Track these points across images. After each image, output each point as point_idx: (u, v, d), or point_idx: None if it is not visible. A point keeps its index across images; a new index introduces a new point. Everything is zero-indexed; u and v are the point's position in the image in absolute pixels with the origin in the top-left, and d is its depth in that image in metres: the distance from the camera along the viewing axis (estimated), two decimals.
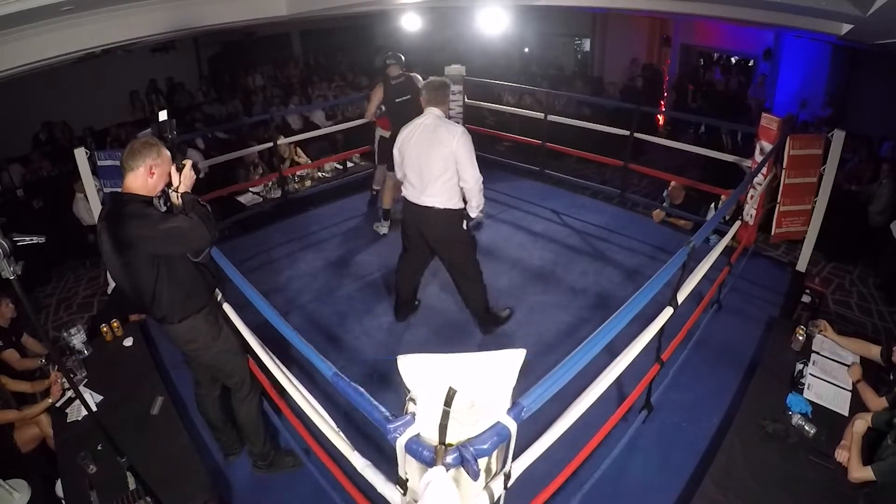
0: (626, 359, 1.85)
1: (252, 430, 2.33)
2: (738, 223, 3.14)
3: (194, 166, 2.00)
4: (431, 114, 2.83)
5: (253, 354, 2.19)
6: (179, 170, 1.93)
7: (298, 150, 6.13)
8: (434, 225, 2.89)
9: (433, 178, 2.77)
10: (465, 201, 2.91)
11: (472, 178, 2.79)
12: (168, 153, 1.91)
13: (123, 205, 1.83)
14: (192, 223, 1.85)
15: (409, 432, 1.18)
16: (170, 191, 1.94)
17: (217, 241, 2.20)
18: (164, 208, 2.00)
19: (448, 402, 1.10)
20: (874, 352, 2.56)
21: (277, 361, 2.01)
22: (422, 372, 1.12)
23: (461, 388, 1.09)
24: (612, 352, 1.96)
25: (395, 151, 2.93)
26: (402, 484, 1.30)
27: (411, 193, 2.89)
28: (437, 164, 2.74)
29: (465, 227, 2.97)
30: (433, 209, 2.83)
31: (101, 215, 1.93)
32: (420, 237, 2.98)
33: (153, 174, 1.88)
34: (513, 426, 1.19)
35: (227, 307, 2.29)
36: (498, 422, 1.17)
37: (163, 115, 1.98)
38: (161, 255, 1.87)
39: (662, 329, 2.17)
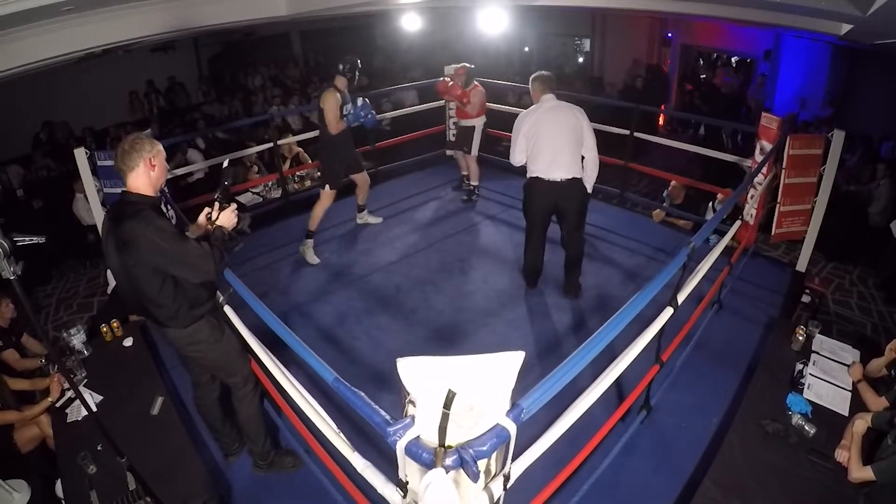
0: (626, 360, 1.85)
1: (253, 430, 2.33)
2: (738, 223, 3.14)
3: (241, 219, 2.11)
4: (552, 98, 3.15)
5: (253, 355, 2.19)
6: (222, 208, 2.03)
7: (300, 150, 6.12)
8: (571, 195, 3.18)
9: (570, 153, 3.08)
10: None
11: (594, 148, 3.15)
12: (159, 144, 1.91)
13: (134, 208, 1.79)
14: (204, 254, 1.83)
15: (409, 435, 1.18)
16: (207, 220, 2.03)
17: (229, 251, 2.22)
18: (169, 212, 2.00)
19: (447, 404, 1.10)
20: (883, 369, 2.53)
21: (278, 362, 2.01)
22: (421, 374, 1.12)
23: (460, 390, 1.09)
24: (611, 352, 1.96)
25: (521, 136, 3.15)
26: (402, 486, 1.30)
27: (545, 170, 3.12)
28: (571, 139, 3.07)
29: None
30: (570, 180, 3.12)
31: (108, 215, 1.91)
32: (551, 210, 3.28)
33: (154, 166, 1.85)
34: (512, 428, 1.19)
35: (227, 309, 2.30)
36: (497, 424, 1.17)
37: (226, 164, 2.20)
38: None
39: (662, 329, 2.17)
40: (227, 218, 2.02)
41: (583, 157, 3.15)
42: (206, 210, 2.06)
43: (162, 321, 1.98)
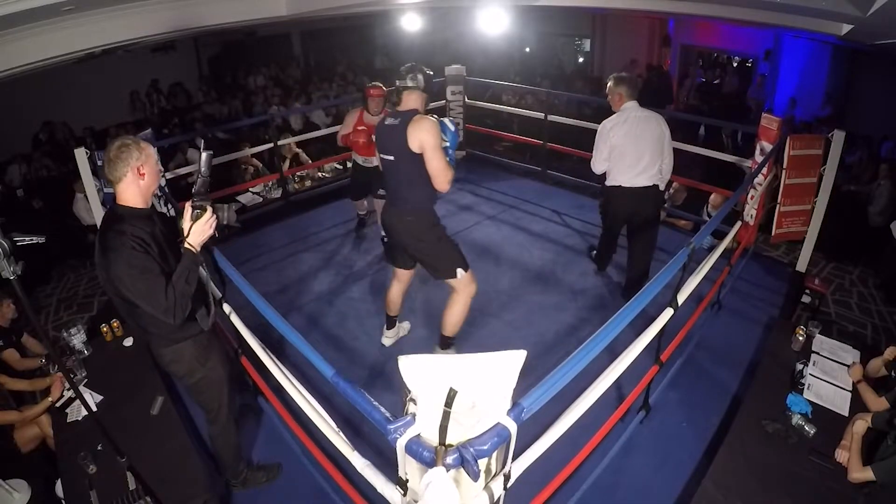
0: (626, 360, 1.85)
1: (227, 458, 2.27)
2: (738, 224, 3.14)
3: (220, 214, 1.79)
4: (636, 106, 3.12)
5: (252, 355, 2.19)
6: (193, 218, 1.72)
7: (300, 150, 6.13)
8: (649, 202, 3.23)
9: (655, 162, 3.11)
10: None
11: (672, 154, 3.17)
12: (151, 148, 1.79)
13: (118, 229, 1.66)
14: (167, 309, 1.64)
15: (410, 433, 1.18)
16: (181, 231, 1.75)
17: (216, 242, 2.19)
18: (170, 211, 1.88)
19: (448, 402, 1.10)
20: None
21: (277, 361, 2.01)
22: (422, 372, 1.13)
23: (462, 388, 1.09)
24: (612, 352, 1.96)
25: (607, 145, 3.14)
26: (402, 484, 1.30)
27: (630, 179, 3.14)
28: (657, 149, 3.09)
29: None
30: (650, 188, 3.16)
31: (100, 227, 1.79)
32: (631, 217, 3.31)
33: (143, 175, 1.72)
34: (513, 427, 1.19)
35: (226, 307, 2.30)
36: (498, 423, 1.17)
37: (203, 154, 1.80)
38: None
39: (662, 330, 2.17)
40: (197, 234, 1.72)
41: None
42: (188, 209, 1.75)
43: (145, 337, 1.90)
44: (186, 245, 1.72)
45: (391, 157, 2.54)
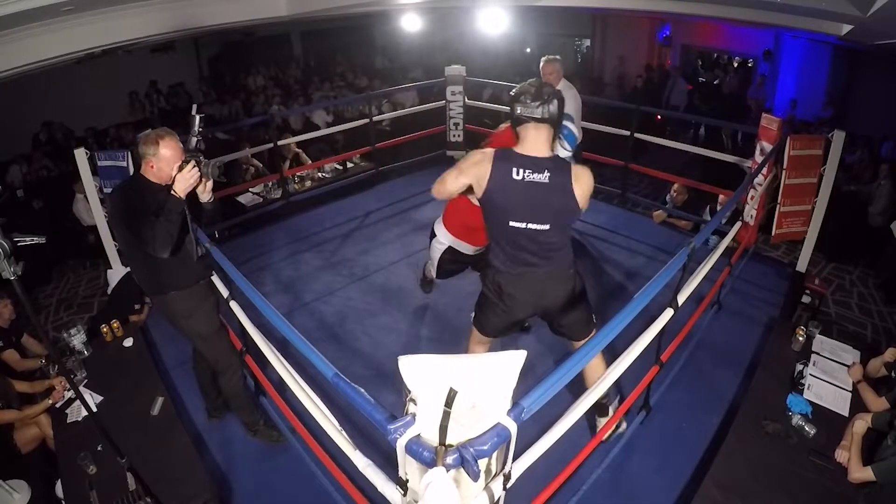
0: (627, 360, 1.84)
1: (237, 405, 2.51)
2: (738, 224, 3.14)
3: (203, 168, 1.98)
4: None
5: (256, 353, 2.19)
6: (178, 169, 1.93)
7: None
8: None
9: None
10: None
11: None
12: (163, 148, 1.95)
13: (128, 184, 2.10)
14: (147, 235, 1.89)
15: (410, 433, 1.18)
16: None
17: (217, 242, 2.22)
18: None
19: (449, 402, 1.10)
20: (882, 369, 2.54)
21: (283, 360, 2.01)
22: (422, 373, 1.13)
23: (462, 389, 1.09)
24: (612, 353, 1.96)
25: None
26: (402, 484, 1.30)
27: None
28: None
29: None
30: None
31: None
32: None
33: (152, 167, 1.98)
34: (513, 427, 1.19)
35: (234, 306, 2.31)
36: (498, 423, 1.17)
37: (194, 111, 2.04)
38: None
39: (662, 330, 2.17)
40: (180, 181, 1.91)
41: None
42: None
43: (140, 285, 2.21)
44: (172, 191, 1.93)
45: (544, 227, 1.87)
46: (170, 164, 1.95)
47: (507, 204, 1.84)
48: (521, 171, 1.80)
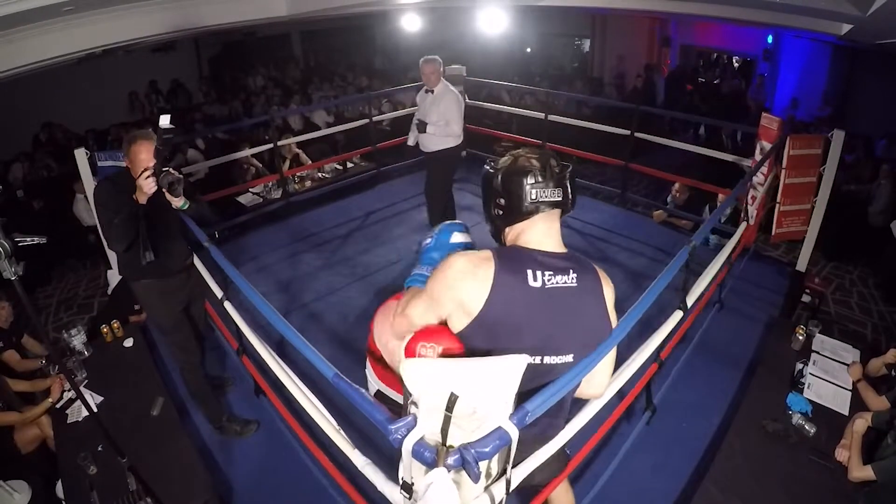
0: (634, 364, 1.83)
1: (199, 401, 2.62)
2: (743, 225, 3.12)
3: (162, 179, 2.04)
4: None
5: (253, 353, 2.19)
6: (142, 173, 2.04)
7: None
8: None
9: None
10: None
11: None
12: (137, 155, 2.08)
13: (114, 177, 2.26)
14: (104, 228, 2.15)
15: (411, 433, 1.18)
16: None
17: (217, 243, 2.23)
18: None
19: (449, 407, 1.09)
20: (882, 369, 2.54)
21: (279, 360, 2.01)
22: (424, 376, 1.12)
23: (463, 393, 1.09)
24: (618, 356, 1.95)
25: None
26: (406, 487, 1.29)
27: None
28: None
29: None
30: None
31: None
32: None
33: (128, 166, 2.16)
34: (514, 432, 1.17)
35: (228, 306, 2.30)
36: (500, 427, 1.16)
37: (163, 121, 2.10)
38: None
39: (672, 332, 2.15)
40: (139, 186, 2.03)
41: None
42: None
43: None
44: (134, 196, 2.08)
45: (567, 359, 1.29)
46: (139, 166, 2.06)
47: (522, 325, 1.21)
48: (539, 273, 1.22)
